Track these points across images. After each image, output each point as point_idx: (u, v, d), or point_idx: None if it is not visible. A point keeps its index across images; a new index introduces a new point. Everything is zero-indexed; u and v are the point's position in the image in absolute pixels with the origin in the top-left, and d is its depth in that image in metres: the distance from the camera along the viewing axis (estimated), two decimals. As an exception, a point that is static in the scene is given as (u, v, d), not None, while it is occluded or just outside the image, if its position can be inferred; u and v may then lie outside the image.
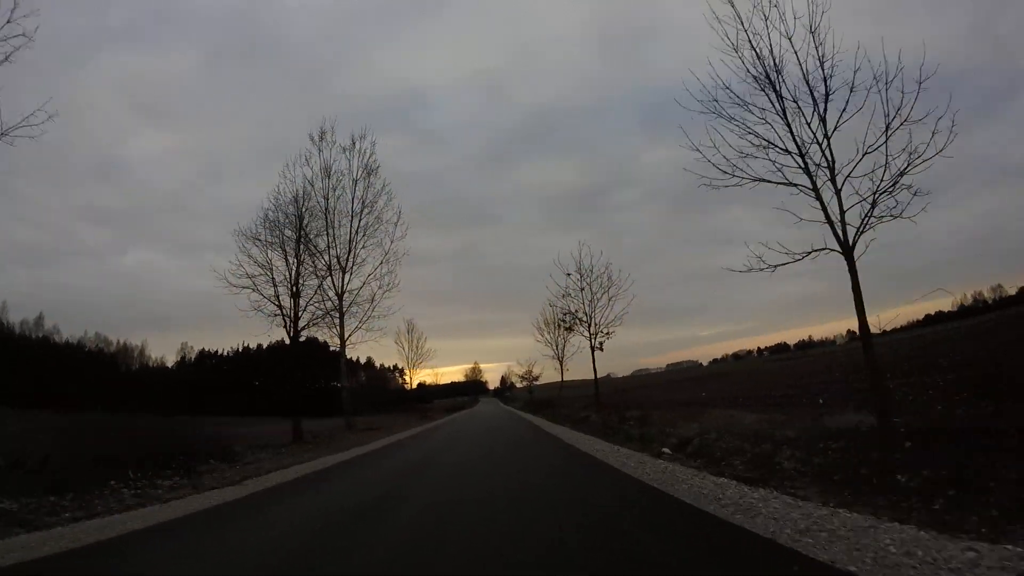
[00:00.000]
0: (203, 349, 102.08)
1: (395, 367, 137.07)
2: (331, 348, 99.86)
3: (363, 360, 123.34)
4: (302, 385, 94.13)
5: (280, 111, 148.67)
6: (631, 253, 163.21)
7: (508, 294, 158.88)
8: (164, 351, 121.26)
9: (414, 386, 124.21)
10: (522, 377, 45.51)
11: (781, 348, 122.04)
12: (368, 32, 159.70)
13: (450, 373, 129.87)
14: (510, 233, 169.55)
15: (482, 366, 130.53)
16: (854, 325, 7.80)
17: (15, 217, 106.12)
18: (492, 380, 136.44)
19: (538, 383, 46.48)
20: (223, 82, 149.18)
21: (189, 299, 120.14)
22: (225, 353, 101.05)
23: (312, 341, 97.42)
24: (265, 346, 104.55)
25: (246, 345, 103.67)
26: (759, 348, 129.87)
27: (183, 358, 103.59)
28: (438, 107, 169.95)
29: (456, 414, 46.93)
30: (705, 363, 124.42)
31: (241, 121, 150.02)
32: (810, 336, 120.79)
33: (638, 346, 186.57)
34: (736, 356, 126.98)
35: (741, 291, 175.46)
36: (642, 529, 4.90)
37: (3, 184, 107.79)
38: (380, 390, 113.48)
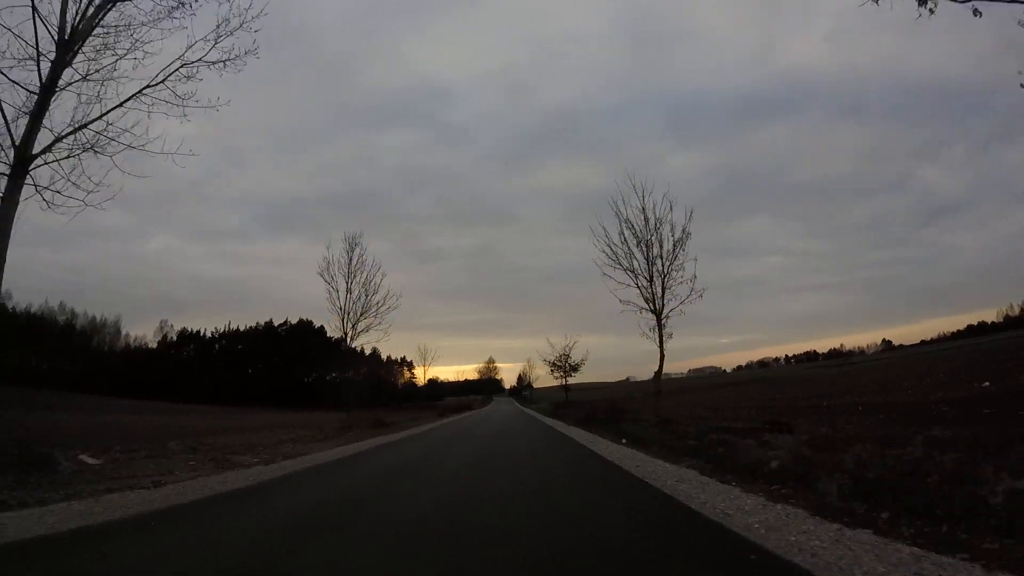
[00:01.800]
0: (184, 328, 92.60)
1: (403, 359, 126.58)
2: (331, 336, 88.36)
3: (367, 350, 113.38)
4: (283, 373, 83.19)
5: (303, 100, 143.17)
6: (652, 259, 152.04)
7: (524, 295, 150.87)
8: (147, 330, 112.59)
9: (419, 382, 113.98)
10: (554, 365, 32.44)
11: (810, 357, 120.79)
12: (393, 24, 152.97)
13: (465, 372, 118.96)
14: (528, 233, 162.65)
15: (497, 364, 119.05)
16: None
17: (38, 200, 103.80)
18: (506, 380, 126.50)
19: (574, 379, 33.54)
20: (247, 68, 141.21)
21: (210, 285, 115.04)
22: (208, 334, 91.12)
23: (306, 326, 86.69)
24: (259, 325, 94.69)
25: (234, 327, 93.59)
26: (787, 356, 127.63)
27: (165, 337, 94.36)
28: (460, 103, 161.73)
29: (451, 419, 33.91)
30: (729, 369, 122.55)
31: (263, 109, 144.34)
32: (842, 344, 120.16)
33: (654, 352, 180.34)
34: (761, 363, 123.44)
35: (757, 303, 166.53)
36: None
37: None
38: (384, 385, 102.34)
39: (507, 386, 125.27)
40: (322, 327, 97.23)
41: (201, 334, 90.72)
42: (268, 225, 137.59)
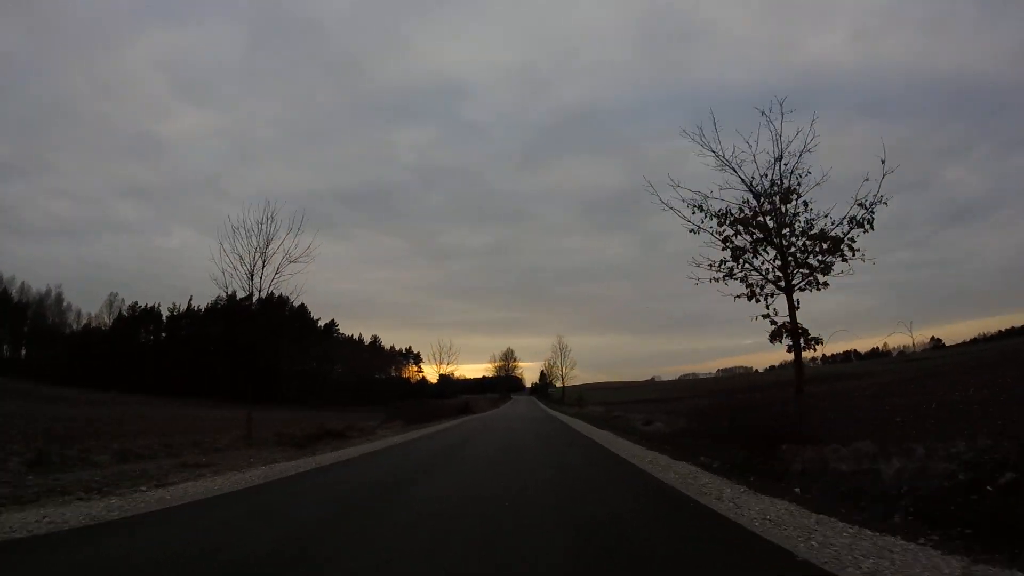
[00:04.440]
0: (135, 304, 73.62)
1: (408, 350, 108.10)
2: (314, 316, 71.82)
3: (365, 337, 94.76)
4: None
5: (317, 96, 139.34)
6: (670, 260, 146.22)
7: (541, 294, 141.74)
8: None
9: (431, 378, 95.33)
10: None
11: (846, 357, 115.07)
12: (408, 19, 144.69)
13: (482, 369, 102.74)
14: (545, 232, 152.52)
15: (517, 363, 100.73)
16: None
17: (56, 192, 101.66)
18: (527, 378, 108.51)
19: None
20: (261, 64, 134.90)
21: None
22: (163, 312, 73.89)
23: (278, 303, 70.92)
24: (220, 300, 77.17)
25: (194, 305, 75.59)
26: (824, 355, 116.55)
27: (120, 315, 78.06)
28: (476, 99, 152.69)
29: (358, 451, 17.94)
30: (761, 369, 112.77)
31: (278, 104, 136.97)
32: (885, 343, 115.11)
33: (681, 352, 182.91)
34: None
35: (779, 303, 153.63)
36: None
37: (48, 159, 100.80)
38: (378, 380, 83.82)
39: (527, 384, 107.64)
40: (303, 306, 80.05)
41: (154, 309, 74.13)
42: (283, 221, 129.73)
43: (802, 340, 9.27)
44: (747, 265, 9.52)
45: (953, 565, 3.08)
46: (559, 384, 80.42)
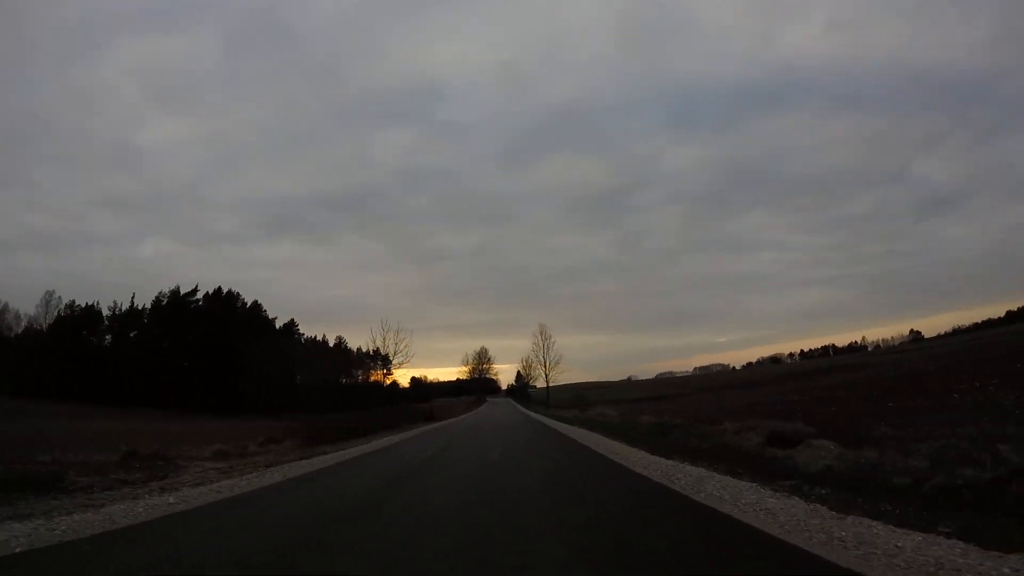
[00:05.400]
0: (72, 302, 64.05)
1: (376, 352, 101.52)
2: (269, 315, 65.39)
3: (328, 338, 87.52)
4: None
5: (296, 100, 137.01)
6: (651, 256, 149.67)
7: (525, 294, 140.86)
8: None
9: (401, 382, 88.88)
10: None
11: (823, 353, 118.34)
12: (386, 20, 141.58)
13: (459, 372, 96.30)
14: (529, 231, 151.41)
15: (495, 365, 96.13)
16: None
17: (31, 204, 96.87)
18: (505, 380, 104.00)
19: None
20: (238, 70, 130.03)
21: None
22: (104, 311, 66.45)
23: (228, 300, 63.74)
24: (162, 296, 69.42)
25: (137, 305, 68.50)
26: (801, 351, 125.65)
27: (58, 316, 70.54)
28: (456, 100, 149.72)
29: None
30: (738, 367, 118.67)
31: (256, 110, 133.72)
32: (863, 337, 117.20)
33: (655, 350, 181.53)
34: (774, 359, 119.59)
35: (753, 300, 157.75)
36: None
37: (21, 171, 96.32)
38: (344, 387, 77.02)
39: (503, 386, 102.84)
40: (256, 303, 73.91)
41: (93, 307, 67.00)
42: (263, 228, 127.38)
43: None
44: None
45: None
46: (539, 384, 70.95)
